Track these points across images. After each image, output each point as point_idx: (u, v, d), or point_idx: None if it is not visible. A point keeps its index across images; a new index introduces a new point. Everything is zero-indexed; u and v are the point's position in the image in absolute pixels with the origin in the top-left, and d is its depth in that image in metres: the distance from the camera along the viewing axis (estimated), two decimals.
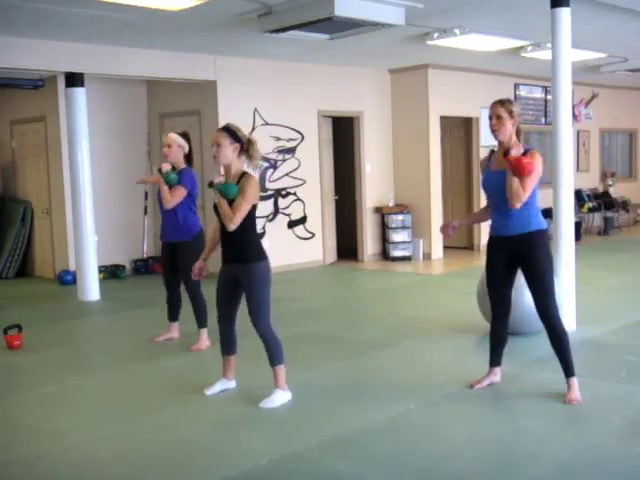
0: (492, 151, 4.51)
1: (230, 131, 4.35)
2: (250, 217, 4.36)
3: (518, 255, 4.34)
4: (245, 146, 4.36)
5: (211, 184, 4.34)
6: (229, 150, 4.31)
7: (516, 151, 4.19)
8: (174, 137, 5.81)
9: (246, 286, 4.37)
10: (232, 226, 4.25)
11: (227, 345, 4.65)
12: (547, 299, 4.29)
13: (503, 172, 4.24)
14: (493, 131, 4.31)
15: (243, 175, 4.33)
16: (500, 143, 4.33)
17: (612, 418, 4.08)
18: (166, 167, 5.77)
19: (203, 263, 4.73)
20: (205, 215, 9.13)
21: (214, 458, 3.72)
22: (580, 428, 4.05)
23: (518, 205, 4.18)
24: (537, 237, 4.30)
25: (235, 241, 4.36)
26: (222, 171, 4.41)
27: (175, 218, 5.79)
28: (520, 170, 4.11)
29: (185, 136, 5.88)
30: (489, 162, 4.45)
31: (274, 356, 4.44)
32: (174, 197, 5.71)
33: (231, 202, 4.27)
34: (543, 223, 4.36)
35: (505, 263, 4.43)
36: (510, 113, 4.27)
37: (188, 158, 5.89)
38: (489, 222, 4.60)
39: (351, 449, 3.78)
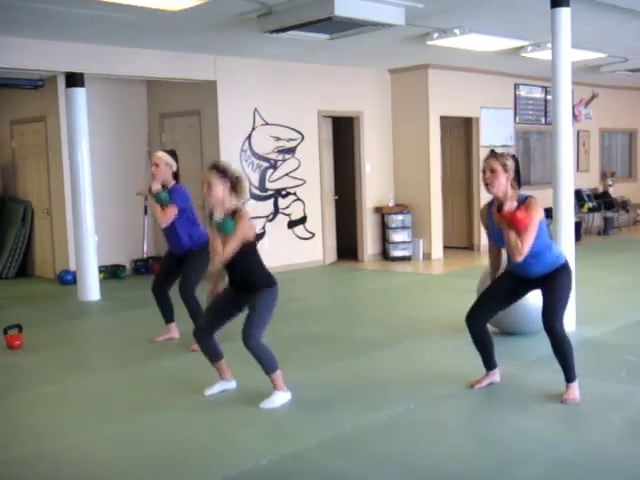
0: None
1: (220, 169, 4.38)
2: (250, 253, 4.39)
3: (539, 285, 4.38)
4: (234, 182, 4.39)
5: (211, 216, 4.38)
6: (220, 189, 4.34)
7: (510, 204, 4.14)
8: (162, 156, 5.79)
9: (251, 304, 4.40)
10: (218, 264, 4.32)
11: (212, 354, 4.66)
12: (555, 317, 4.29)
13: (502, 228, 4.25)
14: (486, 185, 4.29)
15: (236, 212, 4.35)
16: (494, 197, 4.32)
17: (612, 418, 4.08)
18: (156, 187, 5.73)
19: (215, 291, 4.69)
20: (205, 215, 9.13)
21: (214, 458, 3.72)
22: (580, 428, 4.05)
23: (520, 259, 4.13)
24: (561, 271, 4.32)
25: (240, 275, 4.42)
26: (217, 210, 4.39)
27: (177, 236, 5.79)
28: (515, 225, 4.07)
29: (173, 154, 5.87)
30: (489, 211, 4.42)
31: (267, 366, 4.44)
32: (167, 216, 5.69)
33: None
34: (562, 257, 4.38)
35: (515, 292, 4.50)
36: (504, 166, 4.24)
37: (176, 175, 5.86)
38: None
39: (351, 449, 3.78)
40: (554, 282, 4.30)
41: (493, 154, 4.32)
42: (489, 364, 4.67)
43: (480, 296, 4.61)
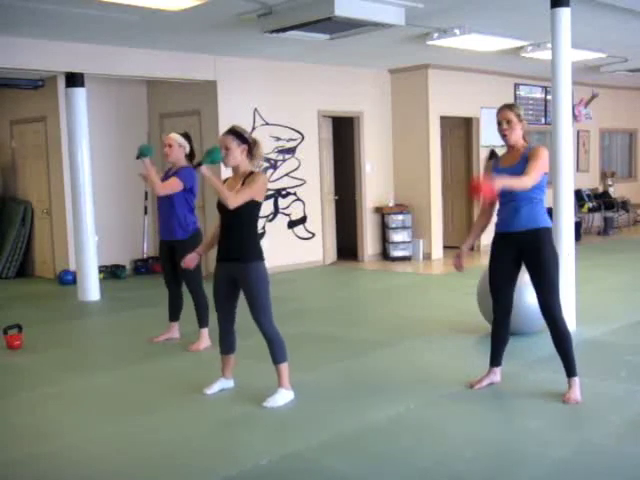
0: (492, 152, 4.54)
1: (237, 133, 4.40)
2: (253, 215, 4.40)
3: (524, 252, 4.35)
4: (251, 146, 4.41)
5: (199, 164, 4.37)
6: (237, 152, 4.37)
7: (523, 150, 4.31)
8: (174, 136, 5.85)
9: (245, 286, 4.39)
10: (232, 204, 4.23)
11: (226, 344, 4.66)
12: (551, 297, 4.30)
13: (512, 168, 4.29)
14: (504, 136, 4.37)
15: (251, 173, 4.38)
16: (510, 146, 4.38)
17: (612, 418, 4.08)
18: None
19: (197, 256, 4.74)
20: (205, 215, 9.13)
21: (214, 458, 3.72)
22: (580, 428, 4.05)
23: (530, 184, 4.17)
24: (544, 234, 4.33)
25: (235, 238, 4.37)
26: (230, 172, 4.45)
27: (172, 214, 5.77)
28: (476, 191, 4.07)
29: (186, 136, 5.90)
30: (497, 161, 4.48)
31: (277, 354, 4.45)
32: (167, 186, 5.69)
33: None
34: (550, 222, 4.41)
35: (510, 261, 4.44)
36: (518, 117, 4.36)
37: (191, 158, 5.89)
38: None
39: (351, 449, 3.78)
40: (541, 258, 4.28)
41: (507, 105, 4.41)
42: (495, 360, 4.66)
43: (491, 289, 4.57)
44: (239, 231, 4.36)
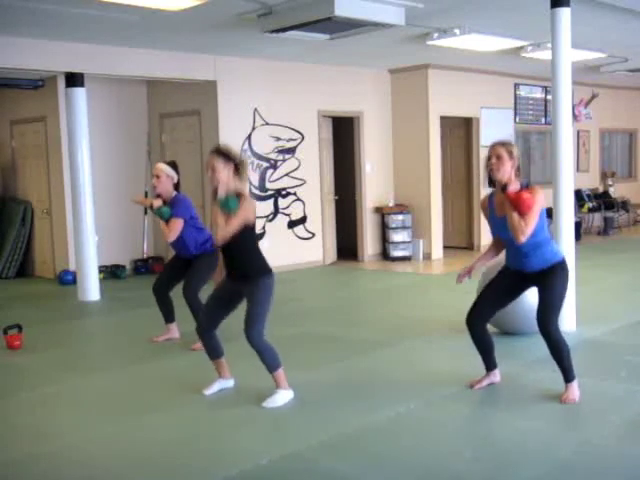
0: (490, 195, 4.48)
1: (222, 153, 4.39)
2: (250, 236, 4.40)
3: (535, 282, 4.37)
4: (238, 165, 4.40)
5: (215, 195, 4.37)
6: (224, 172, 4.35)
7: (514, 187, 4.19)
8: (162, 167, 5.77)
9: (248, 296, 4.40)
10: (221, 240, 4.30)
11: (213, 350, 4.67)
12: (549, 315, 4.28)
13: (506, 217, 4.24)
14: (491, 170, 4.29)
15: (239, 194, 4.36)
16: (498, 183, 4.32)
17: (611, 418, 4.08)
18: (157, 204, 5.70)
19: (220, 277, 4.73)
20: (205, 215, 9.13)
21: (214, 458, 3.72)
22: (580, 428, 4.05)
23: (523, 239, 4.15)
24: (558, 267, 4.31)
25: (238, 261, 4.41)
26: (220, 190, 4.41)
27: (184, 244, 5.78)
28: (520, 204, 4.10)
29: (173, 165, 5.85)
30: (490, 203, 4.43)
31: (270, 364, 4.44)
32: (173, 231, 5.66)
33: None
34: (560, 254, 4.38)
35: (517, 286, 4.48)
36: (510, 154, 4.26)
37: (177, 186, 5.84)
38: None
39: (351, 449, 3.78)
40: (550, 282, 4.28)
41: (499, 142, 4.35)
42: (489, 365, 4.68)
43: (479, 296, 4.62)
44: (239, 255, 4.39)
